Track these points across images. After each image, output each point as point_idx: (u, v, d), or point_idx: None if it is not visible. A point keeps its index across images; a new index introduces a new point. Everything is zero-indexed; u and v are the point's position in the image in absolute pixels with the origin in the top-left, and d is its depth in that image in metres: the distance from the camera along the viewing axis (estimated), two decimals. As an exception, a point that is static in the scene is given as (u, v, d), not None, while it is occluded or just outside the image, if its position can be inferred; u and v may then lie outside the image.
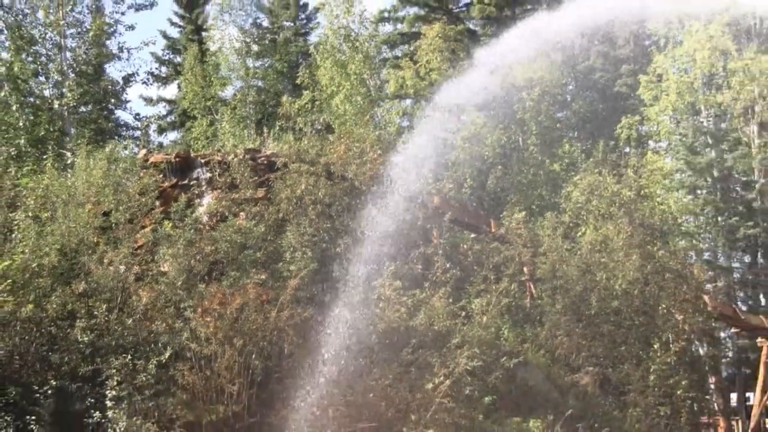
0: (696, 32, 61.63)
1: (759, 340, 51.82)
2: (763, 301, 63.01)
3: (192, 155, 36.20)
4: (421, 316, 29.98)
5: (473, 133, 52.64)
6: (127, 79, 58.13)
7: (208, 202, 32.95)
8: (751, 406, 54.83)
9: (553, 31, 40.94)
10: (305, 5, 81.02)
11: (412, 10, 72.95)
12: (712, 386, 48.11)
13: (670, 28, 64.36)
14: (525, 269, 38.86)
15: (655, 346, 37.48)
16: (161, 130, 77.59)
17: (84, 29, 53.25)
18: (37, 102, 51.47)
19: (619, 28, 62.89)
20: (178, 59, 78.61)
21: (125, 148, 46.39)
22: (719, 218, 62.79)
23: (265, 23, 78.67)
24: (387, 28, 73.17)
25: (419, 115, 48.54)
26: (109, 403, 25.39)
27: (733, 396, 59.47)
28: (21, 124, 49.09)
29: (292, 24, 79.98)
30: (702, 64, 61.65)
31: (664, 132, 65.19)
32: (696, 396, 41.36)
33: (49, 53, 52.57)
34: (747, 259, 66.20)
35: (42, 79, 52.53)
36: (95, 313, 27.12)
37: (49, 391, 25.41)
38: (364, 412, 27.63)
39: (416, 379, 28.40)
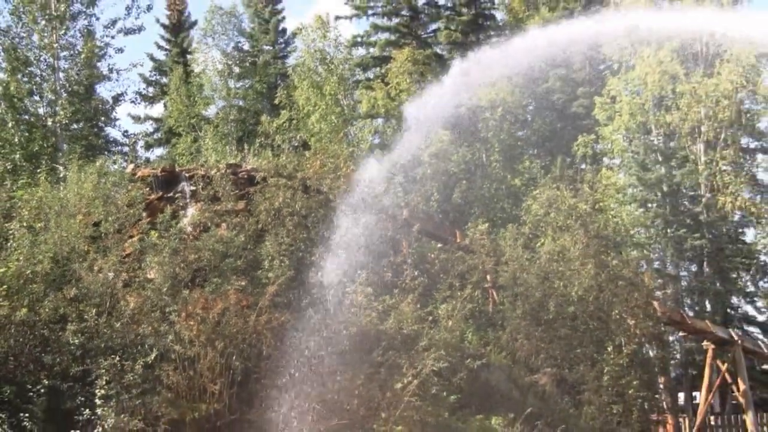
0: (647, 57, 61.94)
1: (705, 343, 52.21)
2: (708, 307, 63.26)
3: (177, 170, 36.13)
4: (390, 320, 30.00)
5: (440, 150, 52.77)
6: (117, 99, 58.11)
7: (191, 213, 32.92)
8: (698, 405, 55.14)
9: (516, 55, 41.23)
10: (284, 30, 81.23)
11: (384, 36, 73.23)
12: (662, 386, 48.31)
13: (623, 54, 64.64)
14: (488, 277, 38.95)
15: (609, 349, 37.68)
16: (148, 146, 77.53)
17: (76, 52, 53.22)
18: (32, 119, 51.37)
19: (575, 53, 63.07)
20: (165, 80, 78.63)
21: (114, 163, 46.30)
22: (668, 230, 63.05)
23: (246, 47, 78.98)
24: (360, 51, 73.51)
25: (390, 133, 48.64)
26: (98, 402, 25.31)
27: (681, 395, 59.78)
28: (16, 140, 49.05)
29: (271, 48, 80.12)
30: (652, 87, 61.94)
31: (618, 150, 65.45)
32: (646, 395, 41.49)
33: (44, 74, 52.48)
34: (694, 268, 66.49)
35: (36, 98, 52.46)
36: (85, 317, 27.04)
37: (42, 390, 25.28)
38: (337, 410, 27.64)
39: (386, 379, 28.40)
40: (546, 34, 41.65)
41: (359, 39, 73.76)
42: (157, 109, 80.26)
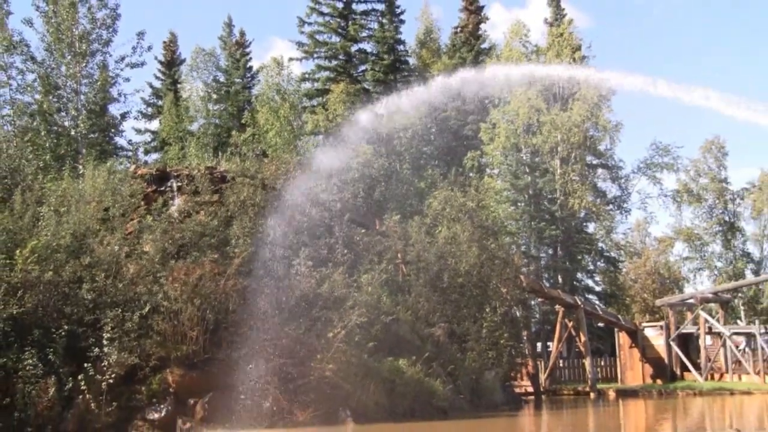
0: (519, 95, 62.46)
1: (557, 306, 53.14)
2: (560, 280, 63.89)
3: (167, 170, 35.99)
4: (325, 285, 30.16)
5: (365, 160, 52.78)
6: (123, 116, 57.67)
7: (178, 203, 32.80)
8: (551, 352, 55.83)
9: (423, 93, 41.56)
10: (250, 67, 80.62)
11: (325, 74, 72.86)
12: (525, 338, 48.53)
13: (502, 92, 65.02)
14: (399, 255, 39.04)
15: (487, 310, 38.27)
16: (146, 152, 76.77)
17: (94, 80, 52.65)
18: (59, 130, 50.85)
19: (467, 91, 63.32)
20: (160, 102, 77.83)
21: (120, 164, 46.30)
22: (532, 223, 63.70)
23: (222, 79, 78.33)
24: (307, 85, 72.94)
25: (328, 147, 48.60)
26: (105, 342, 25.43)
27: (539, 344, 60.28)
28: (47, 145, 48.61)
29: (241, 80, 79.50)
30: (523, 117, 62.53)
31: (496, 163, 65.86)
32: (514, 344, 42.04)
33: (69, 96, 51.93)
34: (550, 251, 67.14)
35: (63, 114, 51.93)
36: (96, 279, 27.10)
37: (63, 333, 25.33)
38: (284, 351, 27.76)
39: (321, 329, 28.61)
40: (453, 78, 42.13)
41: (306, 75, 73.42)
42: (154, 124, 79.57)
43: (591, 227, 69.38)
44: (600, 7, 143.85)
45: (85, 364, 25.01)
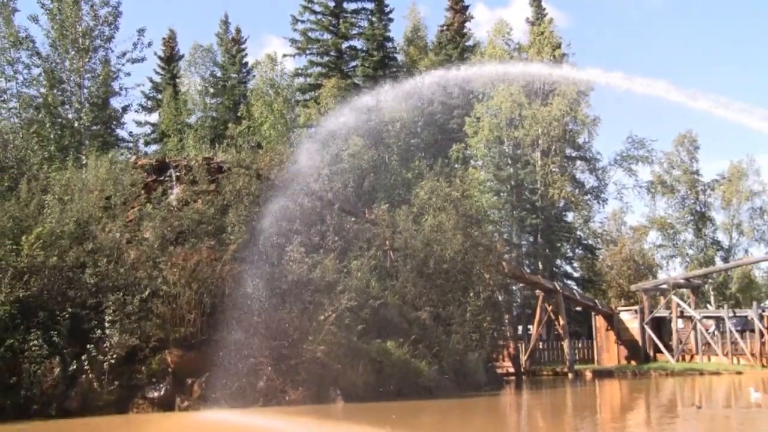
0: (502, 90, 62.42)
1: (537, 291, 53.25)
2: (540, 266, 64.04)
3: (167, 160, 36.00)
4: (317, 271, 30.29)
5: (355, 151, 52.77)
6: (125, 109, 57.42)
7: (176, 192, 32.84)
8: (531, 334, 56.01)
9: (412, 87, 41.69)
10: (246, 63, 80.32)
11: (317, 69, 72.81)
12: (506, 321, 48.78)
13: (486, 87, 65.00)
14: (387, 242, 39.14)
15: (471, 294, 38.44)
16: (146, 143, 76.26)
17: (96, 74, 52.45)
18: (63, 122, 50.69)
19: (453, 86, 63.18)
20: (159, 96, 77.56)
21: (122, 154, 46.23)
22: (514, 212, 63.73)
23: (218, 74, 78.13)
24: (300, 80, 72.79)
25: (319, 139, 48.58)
26: (107, 325, 25.59)
27: (520, 328, 60.45)
28: (51, 136, 48.47)
29: (236, 75, 79.19)
30: (505, 111, 62.47)
31: (480, 155, 65.78)
32: (496, 327, 42.20)
33: (72, 89, 51.80)
34: (531, 239, 67.18)
35: (67, 106, 51.77)
36: (99, 264, 27.23)
37: (67, 316, 25.49)
38: (277, 334, 27.91)
39: (313, 312, 28.76)
40: (437, 74, 42.16)
41: (299, 71, 73.30)
42: (154, 117, 79.29)
43: (570, 216, 69.49)
44: (579, 8, 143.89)
45: (88, 345, 25.19)
